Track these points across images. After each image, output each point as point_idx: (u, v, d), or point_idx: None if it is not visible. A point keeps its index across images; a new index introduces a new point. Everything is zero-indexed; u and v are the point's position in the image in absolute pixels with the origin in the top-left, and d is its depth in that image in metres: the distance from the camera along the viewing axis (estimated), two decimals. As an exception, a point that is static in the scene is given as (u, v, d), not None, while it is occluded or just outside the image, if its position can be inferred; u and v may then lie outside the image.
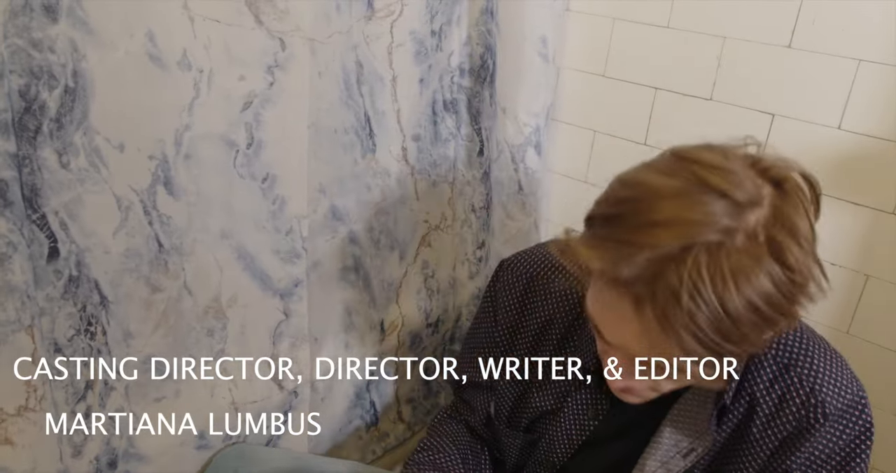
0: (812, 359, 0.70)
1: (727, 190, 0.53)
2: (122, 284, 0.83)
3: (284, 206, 0.94)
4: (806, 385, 0.69)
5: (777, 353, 0.70)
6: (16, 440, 0.74)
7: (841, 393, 0.70)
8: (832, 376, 0.70)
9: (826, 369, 0.70)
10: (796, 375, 0.70)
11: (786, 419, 0.70)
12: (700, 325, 0.53)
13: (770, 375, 0.70)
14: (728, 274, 0.52)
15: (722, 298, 0.52)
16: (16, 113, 0.68)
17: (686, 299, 0.52)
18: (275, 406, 1.05)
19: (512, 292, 0.83)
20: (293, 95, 0.88)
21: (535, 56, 1.11)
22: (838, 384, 0.70)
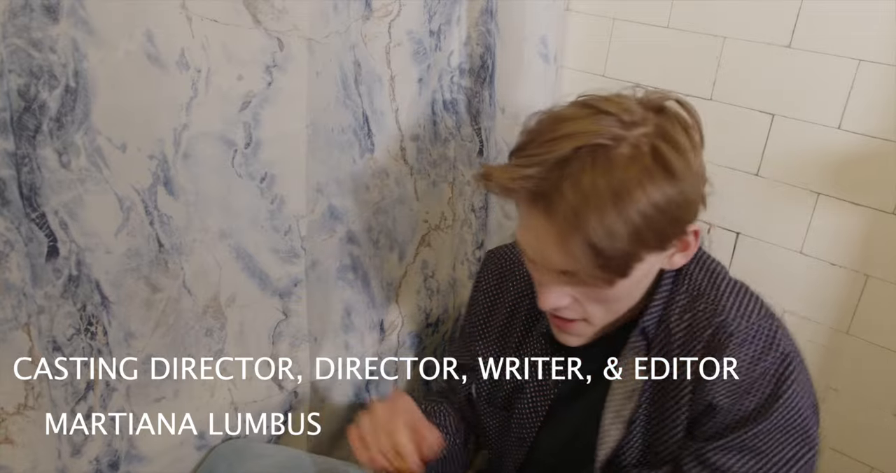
0: (718, 290, 0.76)
1: (617, 112, 0.65)
2: (122, 284, 0.83)
3: (283, 206, 0.94)
4: (710, 308, 0.75)
5: (687, 287, 0.77)
6: (16, 439, 0.74)
7: (746, 319, 0.74)
8: (736, 303, 0.75)
9: (731, 297, 0.76)
10: (703, 302, 0.76)
11: (696, 347, 0.74)
12: (582, 223, 0.63)
13: (681, 307, 0.77)
14: (613, 175, 0.63)
15: (602, 197, 0.62)
16: (14, 112, 0.68)
17: (570, 195, 0.63)
18: (275, 406, 1.04)
19: (490, 275, 0.93)
20: (291, 95, 0.88)
21: (535, 56, 1.11)
22: (741, 309, 0.75)
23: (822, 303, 1.00)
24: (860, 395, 0.99)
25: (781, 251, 1.02)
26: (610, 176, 0.63)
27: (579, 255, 0.66)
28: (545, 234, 0.67)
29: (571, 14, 1.16)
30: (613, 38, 1.12)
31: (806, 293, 1.01)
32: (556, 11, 1.11)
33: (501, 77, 1.13)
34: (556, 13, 1.12)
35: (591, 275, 0.69)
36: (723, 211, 1.07)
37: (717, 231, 1.08)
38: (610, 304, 0.76)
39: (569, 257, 0.67)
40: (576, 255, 0.66)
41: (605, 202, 0.62)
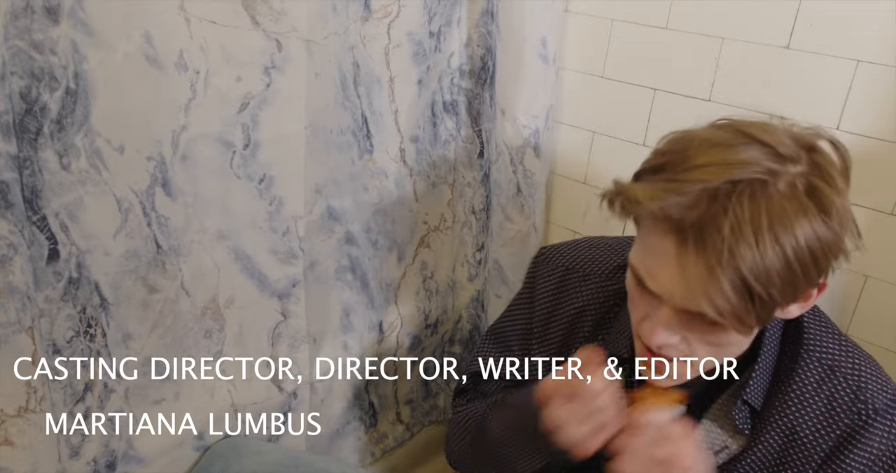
0: (853, 360, 0.72)
1: (769, 141, 0.58)
2: (121, 286, 0.83)
3: (281, 207, 0.94)
4: (853, 384, 0.71)
5: (820, 356, 0.72)
6: (16, 441, 0.73)
7: (884, 389, 0.71)
8: (873, 374, 0.71)
9: (867, 369, 0.72)
10: (842, 376, 0.71)
11: (837, 419, 0.71)
12: (737, 260, 0.56)
13: (816, 377, 0.71)
14: (772, 212, 0.56)
15: (762, 233, 0.55)
16: (17, 115, 0.68)
17: (727, 231, 0.55)
18: (274, 407, 1.04)
19: (549, 280, 0.85)
20: (290, 96, 0.88)
21: (534, 57, 1.11)
22: (880, 381, 0.71)
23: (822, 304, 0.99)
24: (859, 395, 0.99)
25: (780, 251, 1.02)
26: (769, 212, 0.56)
27: (728, 295, 0.58)
28: (687, 268, 0.59)
29: (570, 15, 1.16)
30: (612, 39, 1.13)
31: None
32: (555, 12, 1.12)
33: (501, 78, 1.13)
34: (555, 14, 1.12)
35: (730, 318, 0.60)
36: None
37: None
38: (722, 349, 0.68)
39: (691, 295, 0.60)
40: (723, 294, 0.58)
41: (764, 238, 0.56)
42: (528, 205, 1.20)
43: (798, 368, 0.72)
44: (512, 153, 1.17)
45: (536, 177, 1.18)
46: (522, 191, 1.20)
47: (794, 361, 0.73)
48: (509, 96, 1.14)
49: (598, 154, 1.20)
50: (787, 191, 0.57)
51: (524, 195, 1.20)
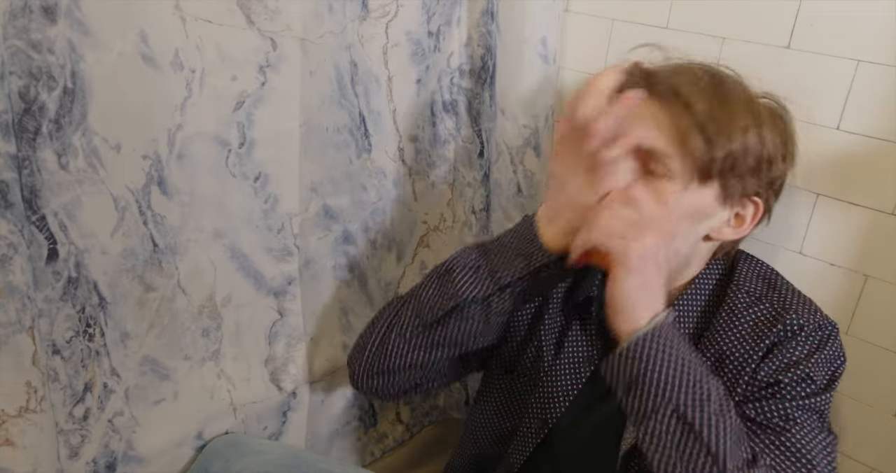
0: (780, 292, 0.83)
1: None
2: (119, 285, 0.83)
3: (276, 205, 0.94)
4: (777, 307, 0.81)
5: (748, 289, 0.83)
6: (17, 441, 0.73)
7: (810, 313, 0.81)
8: (800, 302, 0.82)
9: (794, 298, 0.83)
10: (767, 302, 0.81)
11: (763, 337, 0.79)
12: (715, 111, 0.77)
13: (742, 304, 0.81)
14: (749, 101, 0.81)
15: (730, 106, 0.78)
16: (15, 114, 0.68)
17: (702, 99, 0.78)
18: (273, 406, 1.05)
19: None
20: (284, 95, 0.88)
21: (535, 57, 1.11)
22: (806, 307, 0.82)
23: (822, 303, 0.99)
24: (859, 396, 0.99)
25: (780, 251, 1.02)
26: (737, 103, 0.79)
27: (684, 132, 0.75)
28: (651, 109, 0.78)
29: (570, 15, 1.15)
30: (612, 39, 1.12)
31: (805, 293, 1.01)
32: (555, 12, 1.11)
33: (501, 78, 1.13)
34: (555, 14, 1.11)
35: (677, 158, 0.76)
36: (722, 211, 1.07)
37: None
38: (663, 226, 0.73)
39: (669, 131, 0.76)
40: (680, 131, 0.75)
41: (726, 112, 0.77)
42: (528, 205, 1.20)
43: (727, 298, 0.82)
44: (512, 153, 1.17)
45: (537, 177, 1.18)
46: (523, 191, 1.20)
47: (723, 294, 0.83)
48: (509, 96, 1.13)
49: (598, 154, 1.20)
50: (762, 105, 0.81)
51: (525, 195, 1.20)
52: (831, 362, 0.79)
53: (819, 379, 0.78)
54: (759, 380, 0.78)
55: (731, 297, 0.82)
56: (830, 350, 0.79)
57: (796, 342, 0.78)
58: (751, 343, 0.79)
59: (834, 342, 0.80)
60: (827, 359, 0.79)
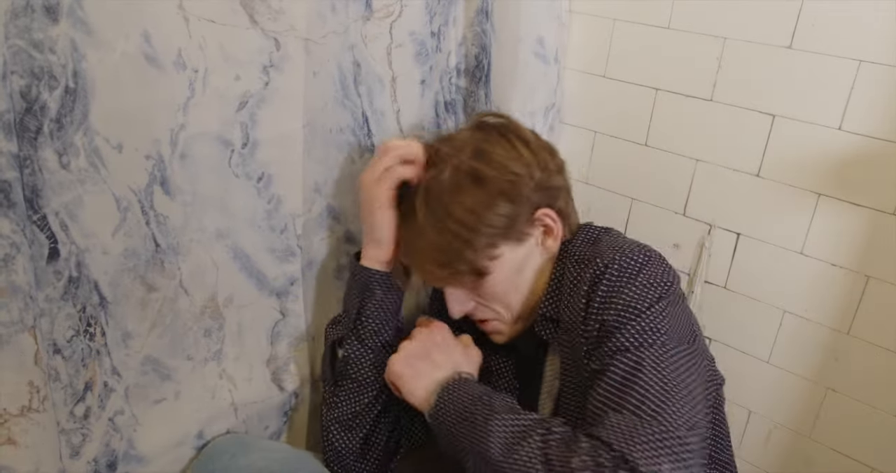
0: (597, 246, 0.86)
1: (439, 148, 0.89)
2: (120, 284, 0.83)
3: (280, 205, 0.94)
4: (589, 262, 0.83)
5: (575, 260, 0.87)
6: (19, 440, 0.73)
7: (619, 252, 0.82)
8: (611, 244, 0.85)
9: (607, 242, 0.86)
10: (589, 259, 0.84)
11: (581, 292, 0.82)
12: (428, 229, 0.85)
13: (573, 272, 0.86)
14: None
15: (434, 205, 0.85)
16: (17, 114, 0.68)
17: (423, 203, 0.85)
18: (275, 406, 1.05)
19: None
20: (288, 95, 0.88)
21: (530, 56, 1.10)
22: (617, 247, 0.83)
23: (823, 304, 1.00)
24: (861, 396, 0.99)
25: (782, 252, 1.02)
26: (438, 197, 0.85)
27: (431, 264, 0.87)
28: (420, 244, 0.87)
29: (572, 14, 1.15)
30: (614, 39, 1.12)
31: (807, 294, 1.01)
32: (554, 12, 1.11)
33: (497, 77, 1.13)
34: (554, 14, 1.11)
35: (458, 278, 0.86)
36: (723, 211, 1.07)
37: (717, 232, 1.08)
38: (504, 298, 0.89)
39: (437, 255, 0.86)
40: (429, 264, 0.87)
41: (435, 216, 0.84)
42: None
43: (566, 274, 0.87)
44: None
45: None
46: None
47: (566, 272, 0.87)
48: (505, 94, 1.13)
49: (599, 154, 1.20)
50: (451, 174, 0.85)
51: None
52: (650, 286, 0.79)
53: (641, 304, 0.77)
54: (589, 331, 0.79)
55: (565, 272, 0.87)
56: (645, 276, 0.79)
57: (605, 280, 0.79)
58: (575, 300, 0.82)
59: (649, 268, 0.80)
60: (644, 285, 0.78)
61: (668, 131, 1.10)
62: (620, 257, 0.80)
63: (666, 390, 0.70)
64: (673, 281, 0.81)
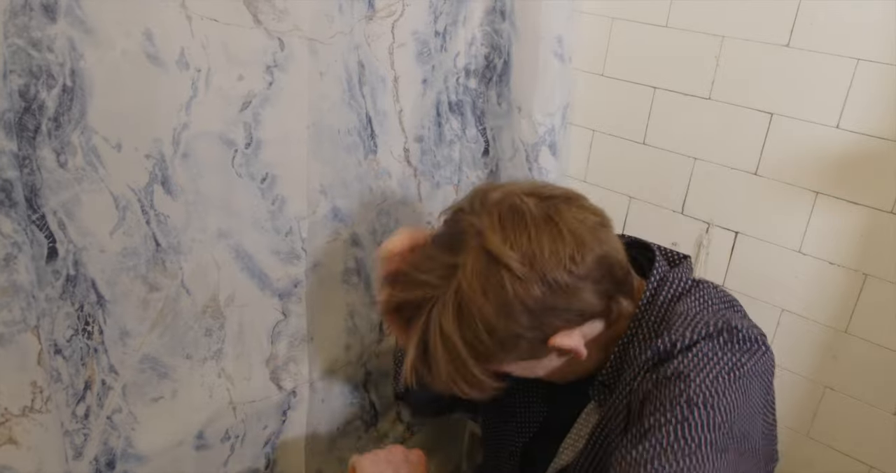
0: (668, 316, 0.75)
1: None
2: (118, 283, 0.82)
3: (284, 207, 0.93)
4: (653, 337, 0.75)
5: (645, 335, 0.76)
6: (21, 440, 0.73)
7: (692, 327, 0.72)
8: (683, 314, 0.74)
9: (679, 311, 0.75)
10: (662, 333, 0.73)
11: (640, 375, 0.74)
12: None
13: (642, 342, 0.76)
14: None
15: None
16: (16, 113, 0.68)
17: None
18: (273, 405, 1.05)
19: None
20: (292, 95, 0.88)
21: (550, 56, 1.10)
22: (689, 319, 0.74)
23: (821, 302, 1.00)
24: (859, 394, 0.99)
25: (780, 250, 1.02)
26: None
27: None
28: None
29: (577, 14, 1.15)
30: (612, 38, 1.12)
31: (804, 292, 1.01)
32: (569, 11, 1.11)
33: (518, 76, 1.12)
34: (569, 12, 1.11)
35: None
36: (721, 210, 1.07)
37: (715, 230, 1.08)
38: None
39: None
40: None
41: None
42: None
43: (633, 345, 0.77)
44: (528, 150, 1.17)
45: (552, 177, 1.17)
46: None
47: (633, 343, 0.78)
48: (526, 94, 1.13)
49: (597, 152, 1.20)
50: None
51: None
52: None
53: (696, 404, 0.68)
54: (632, 401, 0.73)
55: (633, 343, 0.77)
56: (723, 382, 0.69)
57: (672, 366, 0.70)
58: (635, 373, 0.74)
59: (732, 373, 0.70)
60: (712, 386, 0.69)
61: (667, 130, 1.10)
62: (699, 345, 0.70)
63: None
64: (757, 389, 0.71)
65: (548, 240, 0.69)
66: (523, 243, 0.69)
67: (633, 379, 0.74)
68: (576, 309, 0.72)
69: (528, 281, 0.68)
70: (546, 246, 0.69)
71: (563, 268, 0.69)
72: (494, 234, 0.69)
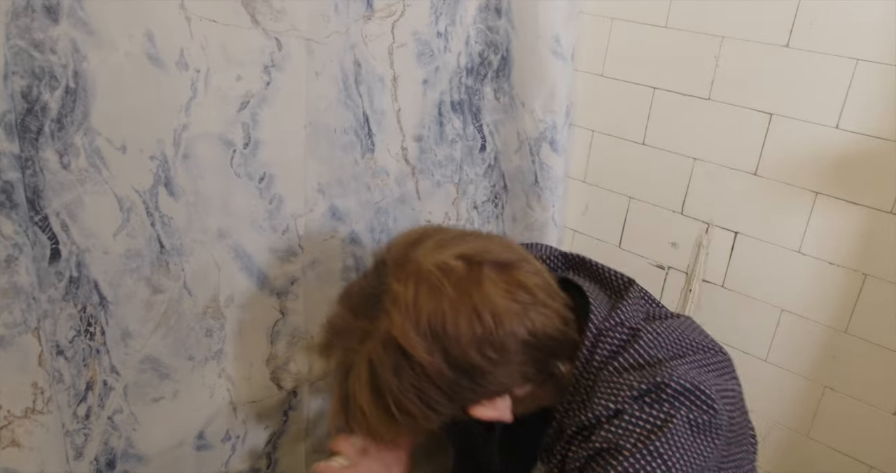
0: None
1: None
2: (121, 285, 0.83)
3: (281, 205, 0.94)
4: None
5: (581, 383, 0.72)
6: (23, 442, 0.73)
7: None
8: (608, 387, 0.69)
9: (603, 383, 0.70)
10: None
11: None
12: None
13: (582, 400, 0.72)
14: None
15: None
16: (18, 114, 0.68)
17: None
18: (274, 405, 1.05)
19: None
20: (290, 95, 0.88)
21: (548, 54, 1.10)
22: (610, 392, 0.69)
23: (821, 302, 1.00)
24: (859, 394, 1.00)
25: (780, 250, 1.02)
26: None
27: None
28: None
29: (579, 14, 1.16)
30: (612, 38, 1.13)
31: (804, 292, 1.01)
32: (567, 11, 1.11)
33: (518, 72, 1.12)
34: (568, 13, 1.11)
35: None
36: (721, 210, 1.07)
37: (715, 230, 1.09)
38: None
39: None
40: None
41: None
42: (545, 196, 1.20)
43: (570, 412, 0.73)
44: (531, 143, 1.17)
45: (555, 173, 1.18)
46: (539, 183, 1.20)
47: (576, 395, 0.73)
48: (527, 89, 1.13)
49: (597, 152, 1.20)
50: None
51: (541, 186, 1.20)
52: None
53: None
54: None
55: (576, 395, 0.74)
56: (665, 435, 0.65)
57: (610, 430, 0.67)
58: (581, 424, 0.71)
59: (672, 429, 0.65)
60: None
61: (666, 130, 1.10)
62: (639, 408, 0.66)
63: None
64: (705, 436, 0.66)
65: (464, 322, 0.66)
66: (436, 324, 0.66)
67: (564, 449, 0.71)
68: (493, 387, 0.70)
69: (438, 364, 0.66)
70: (462, 328, 0.66)
71: (477, 352, 0.66)
72: (403, 317, 0.67)
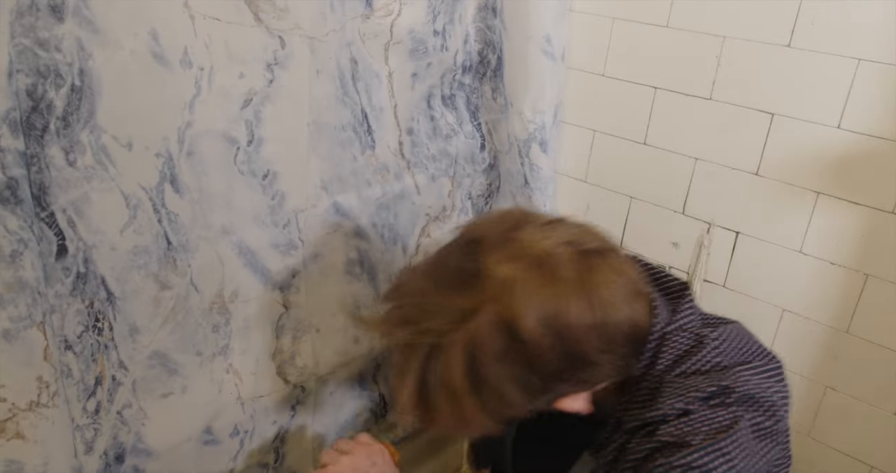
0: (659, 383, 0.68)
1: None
2: (129, 281, 0.83)
3: (283, 201, 0.95)
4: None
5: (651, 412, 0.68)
6: (28, 434, 0.74)
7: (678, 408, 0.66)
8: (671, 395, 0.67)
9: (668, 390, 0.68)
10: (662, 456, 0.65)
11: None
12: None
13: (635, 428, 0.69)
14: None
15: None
16: (23, 112, 0.69)
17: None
18: (281, 400, 1.05)
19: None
20: (293, 93, 0.89)
21: (539, 55, 1.11)
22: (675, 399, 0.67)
23: (822, 302, 1.00)
24: (860, 394, 1.00)
25: (781, 250, 1.02)
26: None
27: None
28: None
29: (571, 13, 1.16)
30: (613, 38, 1.13)
31: (805, 292, 1.01)
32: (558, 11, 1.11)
33: (509, 73, 1.13)
34: (559, 13, 1.11)
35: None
36: (722, 210, 1.07)
37: (716, 230, 1.09)
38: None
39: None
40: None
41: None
42: (535, 197, 1.21)
43: (631, 409, 0.71)
44: (519, 145, 1.18)
45: (544, 173, 1.18)
46: (529, 184, 1.21)
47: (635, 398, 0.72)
48: (516, 90, 1.14)
49: (598, 152, 1.21)
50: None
51: (531, 187, 1.21)
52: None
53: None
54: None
55: (635, 398, 0.72)
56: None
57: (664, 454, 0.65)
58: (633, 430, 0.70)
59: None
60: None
61: (667, 130, 1.10)
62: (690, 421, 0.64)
63: None
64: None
65: (581, 309, 0.62)
66: (548, 308, 0.61)
67: (624, 440, 0.70)
68: (592, 379, 0.67)
69: (548, 351, 0.62)
70: (576, 315, 0.62)
71: (589, 340, 0.63)
72: (514, 297, 0.61)
